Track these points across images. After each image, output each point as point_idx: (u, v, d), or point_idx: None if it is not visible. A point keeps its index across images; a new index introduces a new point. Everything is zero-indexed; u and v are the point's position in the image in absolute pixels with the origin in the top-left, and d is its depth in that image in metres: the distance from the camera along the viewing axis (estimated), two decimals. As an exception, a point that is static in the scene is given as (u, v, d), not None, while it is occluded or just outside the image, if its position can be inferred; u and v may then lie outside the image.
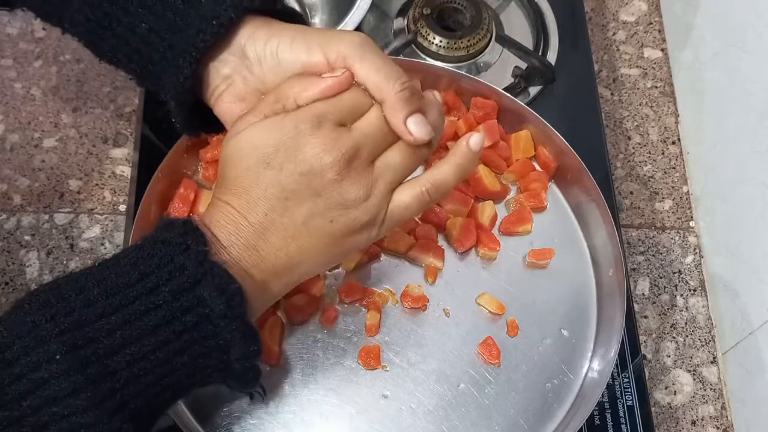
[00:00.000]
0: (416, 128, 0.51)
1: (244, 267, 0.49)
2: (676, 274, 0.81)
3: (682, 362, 0.77)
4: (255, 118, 0.51)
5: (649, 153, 0.87)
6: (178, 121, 0.56)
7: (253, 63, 0.52)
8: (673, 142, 0.88)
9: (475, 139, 0.54)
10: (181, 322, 0.45)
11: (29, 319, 0.44)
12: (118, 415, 0.44)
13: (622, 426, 0.69)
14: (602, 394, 0.68)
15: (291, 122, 0.49)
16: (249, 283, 0.49)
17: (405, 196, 0.52)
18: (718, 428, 0.74)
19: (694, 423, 0.74)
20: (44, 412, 0.42)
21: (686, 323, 0.78)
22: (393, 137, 0.52)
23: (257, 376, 0.50)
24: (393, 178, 0.52)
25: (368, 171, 0.51)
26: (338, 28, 0.75)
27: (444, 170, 0.54)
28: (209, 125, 0.57)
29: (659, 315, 0.79)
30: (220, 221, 0.49)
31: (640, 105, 0.90)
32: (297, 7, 0.88)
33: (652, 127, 0.89)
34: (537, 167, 0.74)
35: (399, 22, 0.86)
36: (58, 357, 0.43)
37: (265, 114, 0.51)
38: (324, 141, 0.49)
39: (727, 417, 0.75)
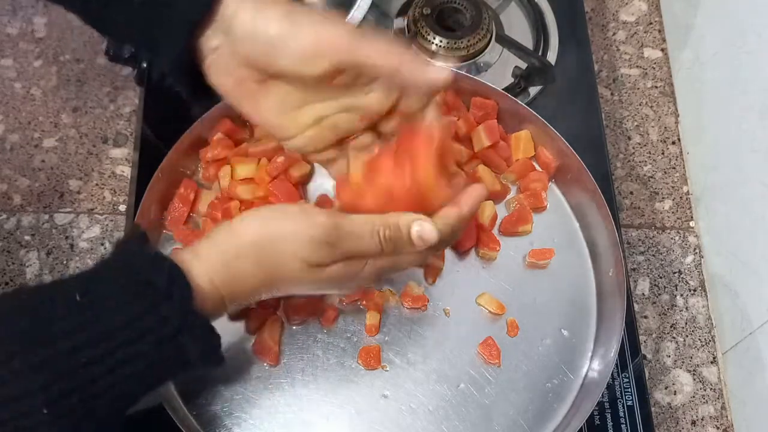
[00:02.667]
0: (435, 74, 0.52)
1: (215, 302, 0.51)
2: (676, 274, 0.81)
3: (682, 362, 0.77)
4: (339, 257, 0.52)
5: (649, 153, 0.87)
6: (184, 93, 0.56)
7: (239, 38, 0.52)
8: (673, 142, 0.88)
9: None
10: (160, 367, 0.48)
11: (13, 366, 0.44)
12: None
13: (622, 426, 0.69)
14: (602, 394, 0.68)
15: (355, 276, 0.53)
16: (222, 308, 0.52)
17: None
18: (718, 428, 0.74)
19: (694, 423, 0.74)
20: None
21: (686, 323, 0.78)
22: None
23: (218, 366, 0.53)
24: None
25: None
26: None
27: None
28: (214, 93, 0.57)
29: (659, 315, 0.79)
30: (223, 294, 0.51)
31: (640, 105, 0.90)
32: (297, 7, 0.87)
33: (652, 127, 0.89)
34: (537, 167, 0.74)
35: (399, 22, 0.86)
36: (45, 411, 0.44)
37: (326, 255, 0.51)
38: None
39: (727, 417, 0.75)
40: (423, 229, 0.52)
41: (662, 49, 0.93)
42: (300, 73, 0.51)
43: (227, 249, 0.51)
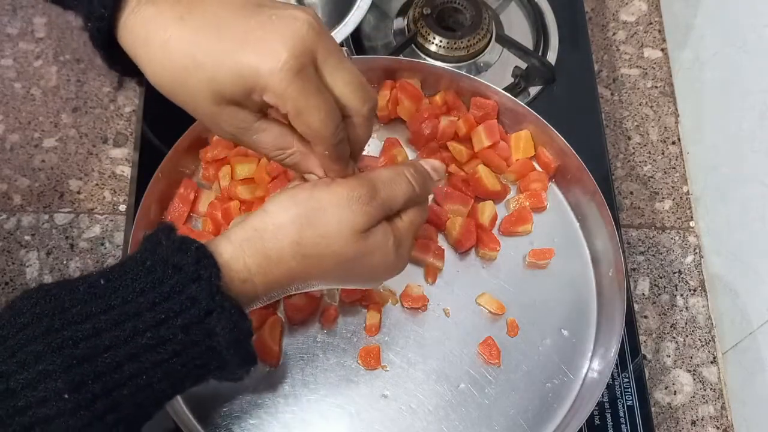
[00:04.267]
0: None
1: (247, 293, 0.49)
2: (676, 274, 0.81)
3: (682, 362, 0.77)
4: (381, 214, 0.52)
5: (649, 153, 0.87)
6: (103, 57, 0.51)
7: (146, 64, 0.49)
8: (673, 142, 0.88)
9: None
10: (188, 354, 0.45)
11: (33, 348, 0.42)
12: None
13: (622, 426, 0.69)
14: (602, 394, 0.68)
15: (395, 248, 0.53)
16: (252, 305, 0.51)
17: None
18: (718, 428, 0.74)
19: (694, 423, 0.74)
20: None
21: (686, 323, 0.78)
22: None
23: (248, 372, 0.51)
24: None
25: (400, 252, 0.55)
26: (338, 28, 0.75)
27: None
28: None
29: (659, 315, 0.79)
30: (247, 251, 0.49)
31: (640, 105, 0.90)
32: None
33: (652, 127, 0.89)
34: (537, 167, 0.74)
35: (399, 22, 0.86)
36: (66, 396, 0.42)
37: (371, 210, 0.51)
38: (393, 260, 0.53)
39: (727, 417, 0.75)
40: (432, 162, 0.58)
41: (662, 49, 0.93)
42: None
43: (263, 228, 0.49)
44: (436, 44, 0.83)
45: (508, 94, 0.74)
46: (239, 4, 0.47)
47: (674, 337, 0.78)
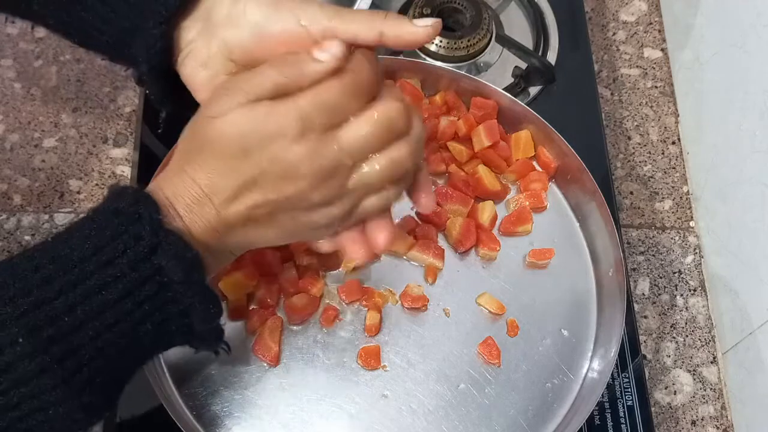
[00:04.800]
0: (421, 26, 0.51)
1: (206, 242, 0.49)
2: (676, 274, 0.81)
3: (682, 362, 0.77)
4: (242, 99, 0.47)
5: (649, 153, 0.87)
6: (153, 92, 0.55)
7: (216, 26, 0.51)
8: (673, 142, 0.88)
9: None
10: (140, 292, 0.46)
11: None
12: (86, 390, 0.45)
13: (622, 426, 0.69)
14: (602, 394, 0.68)
15: (276, 124, 0.47)
16: (204, 252, 0.48)
17: (371, 202, 0.51)
18: (718, 428, 0.74)
19: (694, 423, 0.74)
20: (13, 394, 0.43)
21: (686, 323, 0.78)
22: (377, 149, 0.49)
23: (220, 336, 0.51)
24: (365, 194, 0.50)
25: (341, 185, 0.49)
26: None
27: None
28: (185, 99, 0.55)
29: (659, 315, 0.79)
30: (183, 194, 0.48)
31: (640, 105, 0.90)
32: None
33: (652, 127, 0.89)
34: (537, 167, 0.74)
35: (399, 22, 0.86)
36: (21, 340, 0.43)
37: (254, 97, 0.47)
38: (306, 152, 0.47)
39: (727, 417, 0.75)
40: (329, 43, 0.48)
41: (662, 49, 0.93)
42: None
43: (178, 154, 0.50)
44: (436, 44, 0.83)
45: (508, 94, 0.74)
46: None
47: (674, 337, 0.78)
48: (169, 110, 0.58)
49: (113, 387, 0.48)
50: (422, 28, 0.51)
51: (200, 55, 0.52)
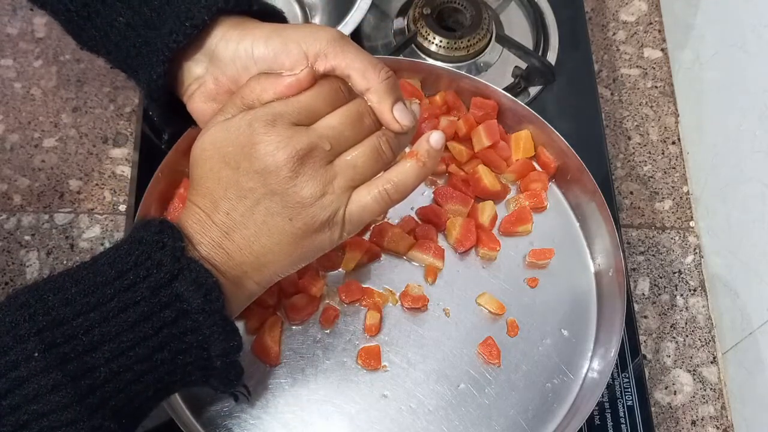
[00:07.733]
0: (401, 115, 0.52)
1: (215, 264, 0.49)
2: (676, 274, 0.81)
3: (682, 362, 0.77)
4: (221, 117, 0.51)
5: (649, 153, 0.87)
6: (156, 115, 0.57)
7: (225, 63, 0.52)
8: (673, 142, 0.88)
9: (435, 137, 0.53)
10: (159, 317, 0.46)
11: (8, 319, 0.44)
12: (99, 412, 0.44)
13: (622, 426, 0.69)
14: (602, 394, 0.68)
15: (246, 121, 0.49)
16: (222, 281, 0.49)
17: (363, 196, 0.52)
18: (718, 428, 0.74)
19: (694, 423, 0.74)
20: (24, 410, 0.43)
21: (686, 323, 0.78)
22: (352, 140, 0.51)
23: (239, 375, 0.51)
24: (352, 177, 0.51)
25: (325, 169, 0.50)
26: (338, 28, 0.75)
27: (404, 170, 0.53)
28: (188, 120, 0.57)
29: (659, 315, 0.79)
30: (189, 221, 0.50)
31: (640, 105, 0.90)
32: (297, 8, 0.88)
33: (652, 127, 0.89)
34: (537, 167, 0.74)
35: (399, 22, 0.86)
36: (36, 355, 0.43)
37: (232, 114, 0.51)
38: (278, 138, 0.49)
39: (727, 417, 0.75)
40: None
41: (662, 49, 0.93)
42: None
43: (195, 177, 0.51)
44: (436, 44, 0.83)
45: (508, 94, 0.74)
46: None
47: (674, 337, 0.78)
48: (172, 130, 0.61)
49: (127, 417, 0.47)
50: (398, 125, 0.52)
51: (209, 90, 0.54)
